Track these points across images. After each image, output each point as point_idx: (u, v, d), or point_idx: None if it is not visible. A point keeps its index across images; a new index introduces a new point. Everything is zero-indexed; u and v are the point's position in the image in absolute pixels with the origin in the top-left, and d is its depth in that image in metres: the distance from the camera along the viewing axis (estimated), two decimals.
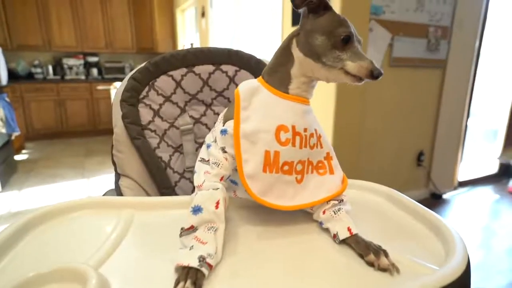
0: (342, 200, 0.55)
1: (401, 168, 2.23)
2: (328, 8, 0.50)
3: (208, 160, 0.53)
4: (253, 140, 0.51)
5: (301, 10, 0.51)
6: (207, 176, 0.51)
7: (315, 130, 0.55)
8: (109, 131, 4.54)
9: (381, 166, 2.13)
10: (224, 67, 0.77)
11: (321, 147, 0.55)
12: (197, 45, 3.89)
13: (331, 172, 0.56)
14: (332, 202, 0.54)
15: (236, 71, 0.77)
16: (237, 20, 2.90)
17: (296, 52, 0.53)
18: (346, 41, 0.48)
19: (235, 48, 0.78)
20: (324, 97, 1.79)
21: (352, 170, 1.88)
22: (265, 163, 0.51)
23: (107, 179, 2.81)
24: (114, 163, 0.73)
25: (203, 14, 3.45)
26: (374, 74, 0.47)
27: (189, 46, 4.01)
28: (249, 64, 0.78)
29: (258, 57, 0.79)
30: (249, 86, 0.54)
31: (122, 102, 0.71)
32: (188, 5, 4.04)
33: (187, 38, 4.31)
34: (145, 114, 0.73)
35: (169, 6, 4.42)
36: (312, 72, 0.52)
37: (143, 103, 0.73)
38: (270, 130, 0.51)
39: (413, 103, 2.14)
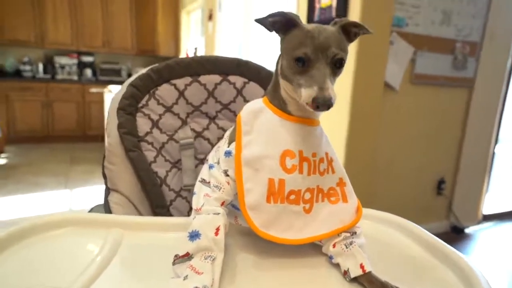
0: (355, 232, 0.54)
1: (419, 196, 2.21)
2: (295, 24, 0.50)
3: (209, 182, 0.53)
4: (257, 167, 0.51)
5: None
6: (207, 200, 0.51)
7: (326, 154, 0.55)
8: (99, 138, 4.58)
9: (397, 192, 2.11)
10: (232, 78, 0.78)
11: (333, 172, 0.55)
12: (201, 50, 3.95)
13: (344, 200, 0.55)
14: (344, 234, 0.53)
15: (244, 83, 0.79)
16: (247, 25, 2.95)
17: (279, 72, 0.54)
18: (303, 64, 0.48)
19: (243, 56, 0.80)
20: (336, 115, 1.80)
21: (365, 196, 1.87)
22: (269, 192, 0.51)
23: (92, 192, 2.80)
24: (104, 176, 0.73)
25: (210, 17, 3.53)
26: (316, 103, 0.45)
27: (193, 51, 4.08)
28: (259, 76, 0.79)
29: (269, 68, 0.81)
30: (252, 109, 0.56)
31: (119, 111, 0.72)
32: (194, 6, 4.13)
33: (192, 41, 4.38)
34: (143, 125, 0.73)
35: (174, 7, 4.53)
36: (292, 94, 0.52)
37: (141, 112, 0.74)
38: (274, 156, 0.51)
39: (436, 124, 2.14)
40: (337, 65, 0.49)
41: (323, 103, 0.45)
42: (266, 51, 2.72)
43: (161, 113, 0.75)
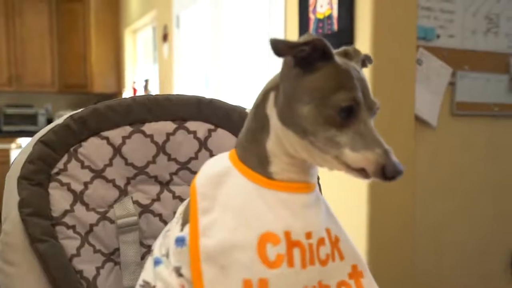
0: None
1: (485, 279, 2.18)
2: (328, 58, 0.51)
3: (154, 287, 0.53)
4: (223, 264, 0.51)
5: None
6: None
7: (327, 231, 0.55)
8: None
9: (450, 276, 2.07)
10: (191, 125, 0.79)
11: (341, 258, 0.56)
12: (155, 82, 4.03)
13: None
14: None
15: (209, 130, 0.79)
16: (216, 45, 3.06)
17: (272, 116, 0.54)
18: (348, 114, 0.49)
19: (212, 89, 0.82)
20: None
21: (401, 284, 1.82)
22: None
23: None
24: None
25: (165, 37, 3.65)
26: (386, 174, 0.47)
27: (142, 84, 4.16)
28: (229, 120, 0.80)
29: (244, 108, 0.82)
30: (213, 172, 0.56)
31: (21, 181, 0.70)
32: (143, 24, 4.29)
33: (140, 72, 4.49)
34: (59, 200, 0.72)
35: (113, 25, 4.70)
36: (295, 151, 0.53)
37: (57, 181, 0.73)
38: (249, 245, 0.51)
39: (498, 173, 2.17)
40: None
41: (397, 173, 0.47)
42: (246, 81, 2.79)
43: (88, 180, 0.74)
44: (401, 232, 1.86)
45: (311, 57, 0.51)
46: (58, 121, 0.75)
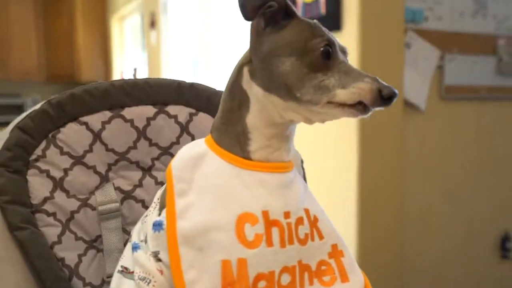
0: None
1: (474, 262, 2.20)
2: (291, 14, 0.53)
3: (133, 272, 0.53)
4: (201, 246, 0.51)
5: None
6: None
7: (306, 211, 0.55)
8: None
9: (438, 258, 2.10)
10: (172, 109, 0.78)
11: (321, 237, 0.56)
12: (143, 70, 4.01)
13: (344, 278, 0.56)
14: None
15: (191, 114, 0.79)
16: (205, 30, 3.04)
17: (251, 88, 0.55)
18: (328, 55, 0.51)
19: (201, 76, 0.81)
20: (338, 154, 1.82)
21: (391, 266, 1.84)
22: (224, 282, 0.50)
23: None
24: None
25: (152, 24, 3.62)
26: (384, 95, 0.49)
27: (131, 73, 4.14)
28: (211, 104, 0.80)
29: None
30: (189, 155, 0.57)
31: None
32: (130, 10, 4.25)
33: (128, 59, 4.45)
34: (38, 187, 0.72)
35: (99, 13, 4.65)
36: (281, 116, 0.54)
37: (35, 168, 0.72)
38: (227, 225, 0.51)
39: (486, 156, 2.18)
40: None
41: (392, 93, 0.49)
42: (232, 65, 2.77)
43: (68, 167, 0.74)
44: (390, 215, 1.87)
45: (277, 16, 0.53)
46: (36, 106, 0.75)
